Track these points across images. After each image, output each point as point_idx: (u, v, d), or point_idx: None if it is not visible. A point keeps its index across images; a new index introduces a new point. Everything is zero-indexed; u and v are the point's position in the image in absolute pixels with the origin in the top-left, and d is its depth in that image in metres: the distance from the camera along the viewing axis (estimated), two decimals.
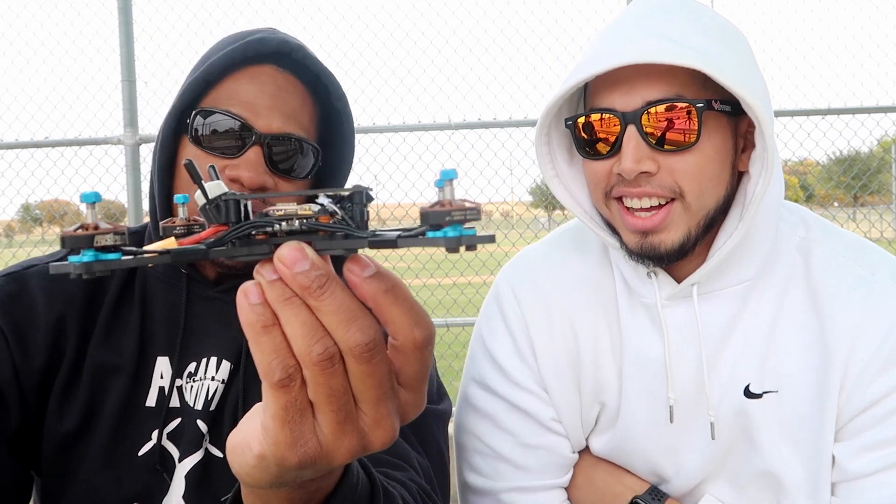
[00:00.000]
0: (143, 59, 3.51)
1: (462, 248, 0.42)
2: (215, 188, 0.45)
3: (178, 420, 0.99)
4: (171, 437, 0.99)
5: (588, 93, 1.03)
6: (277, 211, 0.44)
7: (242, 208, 0.45)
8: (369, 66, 4.05)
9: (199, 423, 0.99)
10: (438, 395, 1.08)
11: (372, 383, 0.44)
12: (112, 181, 3.83)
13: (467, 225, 0.42)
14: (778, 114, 3.59)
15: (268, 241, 0.45)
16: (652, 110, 0.92)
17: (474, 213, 0.42)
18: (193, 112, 1.00)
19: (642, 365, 1.07)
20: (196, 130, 0.99)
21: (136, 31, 3.41)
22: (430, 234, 0.42)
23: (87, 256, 0.40)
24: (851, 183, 4.95)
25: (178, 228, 0.48)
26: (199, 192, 0.45)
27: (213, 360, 1.02)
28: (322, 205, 0.45)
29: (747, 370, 1.02)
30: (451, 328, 3.70)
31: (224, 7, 4.52)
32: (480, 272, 4.06)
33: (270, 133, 0.98)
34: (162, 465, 0.97)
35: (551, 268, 1.16)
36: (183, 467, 0.98)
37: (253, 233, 0.44)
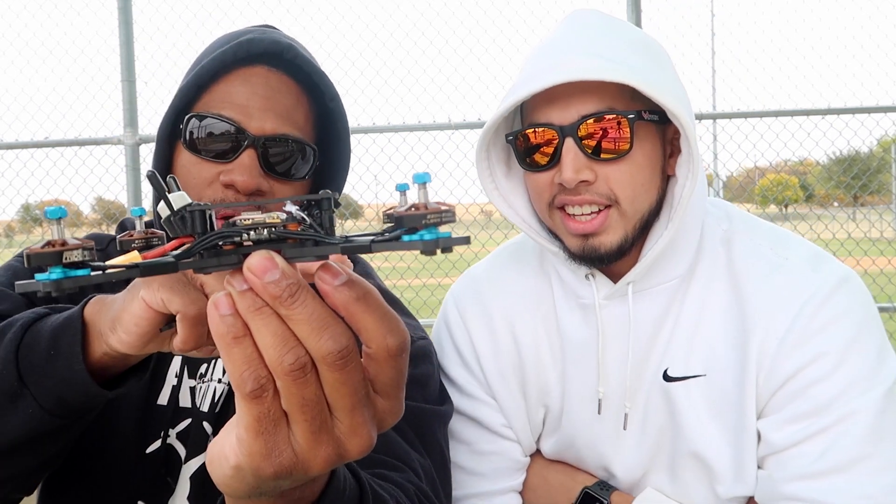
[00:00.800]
0: (143, 59, 3.53)
1: (438, 251, 0.41)
2: (179, 199, 0.44)
3: (189, 420, 0.99)
4: (180, 436, 0.99)
5: (525, 109, 1.09)
6: (245, 220, 0.43)
7: (208, 219, 0.44)
8: (369, 66, 4.05)
9: (206, 424, 0.99)
10: (441, 396, 1.09)
11: (346, 391, 0.43)
12: (112, 181, 3.83)
13: (442, 227, 0.41)
14: (778, 114, 3.60)
15: (236, 251, 0.44)
16: (587, 122, 1.00)
17: (449, 214, 0.42)
18: (186, 117, 0.98)
19: (582, 364, 1.14)
20: (189, 135, 0.98)
21: (136, 31, 3.41)
22: (405, 238, 0.41)
23: (55, 274, 0.39)
24: (851, 183, 4.95)
25: (136, 242, 0.46)
26: (162, 203, 0.44)
27: (220, 361, 1.02)
28: (289, 212, 0.44)
29: (673, 357, 1.09)
30: None
31: (224, 7, 4.52)
32: None
33: (264, 135, 0.97)
34: (169, 464, 0.97)
35: (491, 282, 1.24)
36: (188, 468, 0.97)
37: (221, 243, 0.43)
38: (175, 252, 0.44)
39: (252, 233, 0.43)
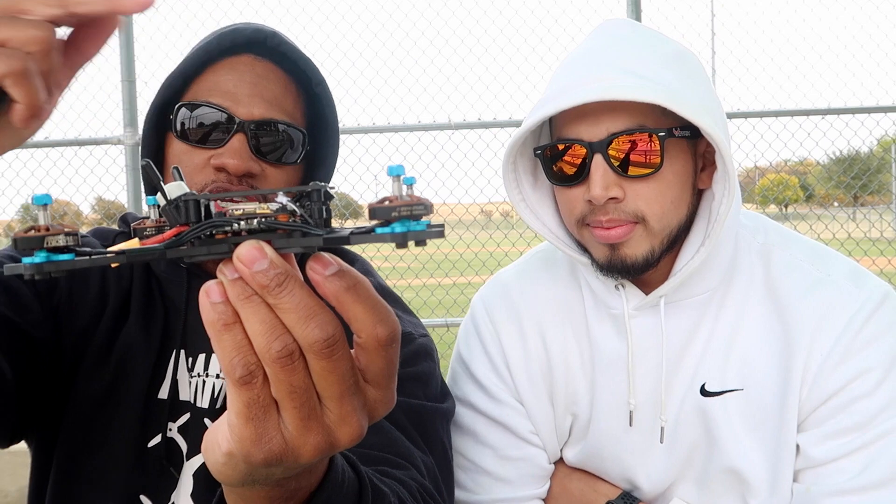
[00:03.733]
0: (143, 59, 3.53)
1: (412, 244, 0.42)
2: (176, 189, 0.45)
3: (188, 415, 0.99)
4: (181, 431, 0.99)
5: (554, 122, 1.08)
6: (236, 210, 0.45)
7: (203, 209, 0.45)
8: (369, 66, 4.05)
9: (207, 420, 0.99)
10: (443, 394, 1.09)
11: (334, 379, 0.44)
12: (112, 181, 3.82)
13: (419, 220, 0.42)
14: (778, 114, 3.60)
15: (227, 240, 0.45)
16: (617, 139, 0.99)
17: (421, 207, 0.42)
18: (175, 107, 1.00)
19: (612, 375, 1.13)
20: (179, 125, 0.99)
21: (136, 31, 3.42)
22: (378, 231, 0.42)
23: (38, 257, 0.41)
24: (851, 183, 4.95)
25: (148, 230, 0.48)
26: (159, 193, 0.46)
27: (214, 356, 1.02)
28: (282, 203, 0.45)
29: (708, 371, 1.08)
30: (451, 328, 3.70)
31: (224, 7, 4.53)
32: (480, 272, 4.06)
33: (253, 120, 0.98)
34: (169, 459, 0.97)
35: (522, 287, 1.23)
36: (191, 465, 0.97)
37: (212, 232, 0.44)
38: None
39: (242, 223, 0.44)
